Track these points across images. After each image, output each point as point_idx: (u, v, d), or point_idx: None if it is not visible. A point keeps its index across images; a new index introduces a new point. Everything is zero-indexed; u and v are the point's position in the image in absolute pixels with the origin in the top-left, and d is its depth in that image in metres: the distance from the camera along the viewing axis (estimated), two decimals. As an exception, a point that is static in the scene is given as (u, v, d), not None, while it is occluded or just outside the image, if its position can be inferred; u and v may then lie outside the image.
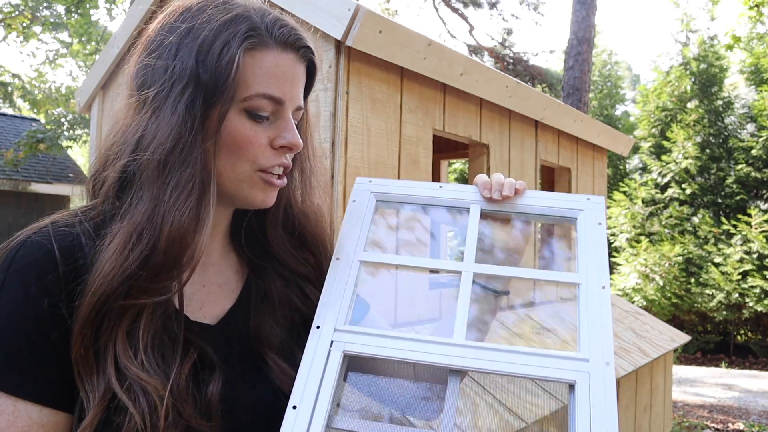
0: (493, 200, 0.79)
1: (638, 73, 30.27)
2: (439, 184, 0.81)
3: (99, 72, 2.79)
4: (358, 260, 0.76)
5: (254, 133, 0.71)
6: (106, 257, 0.65)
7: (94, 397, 0.62)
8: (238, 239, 0.85)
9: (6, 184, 8.07)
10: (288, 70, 0.73)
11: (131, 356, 0.63)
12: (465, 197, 0.80)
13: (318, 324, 0.70)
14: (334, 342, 0.68)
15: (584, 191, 3.50)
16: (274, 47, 0.72)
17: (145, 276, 0.65)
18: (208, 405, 0.66)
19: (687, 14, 10.31)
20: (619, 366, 2.59)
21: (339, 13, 1.69)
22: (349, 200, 0.80)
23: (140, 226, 0.66)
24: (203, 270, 0.79)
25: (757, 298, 7.98)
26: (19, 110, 13.57)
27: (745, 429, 5.04)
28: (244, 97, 0.70)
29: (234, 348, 0.75)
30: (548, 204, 0.78)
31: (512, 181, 0.80)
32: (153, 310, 0.67)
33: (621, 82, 13.93)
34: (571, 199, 0.79)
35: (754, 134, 9.09)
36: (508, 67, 12.35)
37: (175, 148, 0.67)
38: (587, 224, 0.77)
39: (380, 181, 0.82)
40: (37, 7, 11.15)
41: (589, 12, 7.78)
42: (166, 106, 0.68)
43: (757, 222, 8.30)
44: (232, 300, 0.79)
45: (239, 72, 0.68)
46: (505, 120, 2.63)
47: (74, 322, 0.63)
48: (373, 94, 1.88)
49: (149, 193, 0.67)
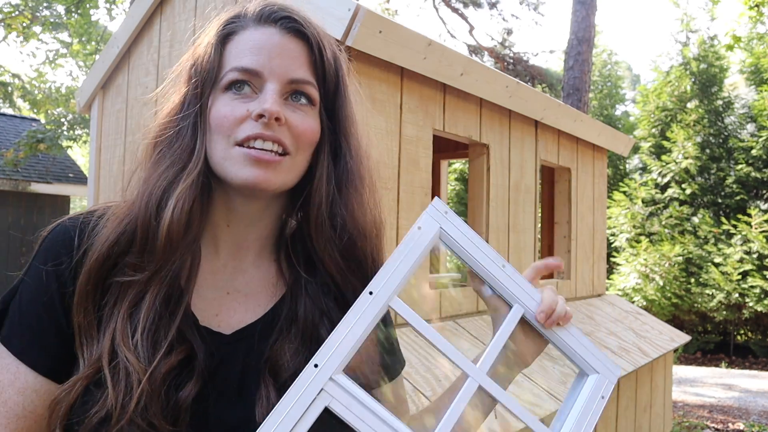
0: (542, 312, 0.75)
1: (638, 73, 30.28)
2: (504, 262, 0.75)
3: (99, 72, 2.79)
4: (388, 305, 0.69)
5: (231, 108, 0.71)
6: (103, 231, 0.71)
7: (87, 364, 0.67)
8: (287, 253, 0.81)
9: (6, 184, 8.07)
10: (264, 41, 0.72)
11: (128, 336, 0.67)
12: (516, 293, 0.75)
13: (317, 362, 0.64)
14: (323, 391, 0.63)
15: (584, 191, 3.50)
16: (250, 26, 0.74)
17: (135, 251, 0.70)
18: (176, 409, 0.65)
19: (687, 14, 10.30)
20: (619, 366, 2.59)
21: (339, 13, 1.69)
22: (415, 225, 0.72)
23: (130, 202, 0.72)
24: (231, 275, 0.77)
25: (757, 298, 7.98)
26: (19, 110, 13.57)
27: (745, 429, 5.04)
28: (221, 77, 0.73)
29: (238, 363, 0.72)
30: (574, 345, 0.77)
31: (564, 308, 0.76)
32: (156, 294, 0.68)
33: (621, 82, 13.93)
34: (597, 356, 0.77)
35: (754, 134, 9.08)
36: (508, 67, 12.35)
37: (164, 134, 0.74)
38: (593, 391, 0.75)
39: (455, 219, 0.73)
40: (37, 7, 11.15)
41: (589, 12, 7.78)
42: (167, 103, 0.77)
43: (757, 222, 8.30)
44: (255, 315, 0.76)
45: (219, 59, 0.73)
46: (505, 120, 2.63)
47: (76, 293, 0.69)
48: (373, 94, 1.88)
49: (144, 174, 0.74)
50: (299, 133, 0.73)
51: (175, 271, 0.70)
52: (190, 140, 0.73)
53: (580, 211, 3.45)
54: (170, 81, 0.79)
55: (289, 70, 0.72)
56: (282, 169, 0.72)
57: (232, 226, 0.78)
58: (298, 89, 0.73)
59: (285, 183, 0.74)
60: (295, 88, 0.73)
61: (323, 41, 0.76)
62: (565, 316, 0.76)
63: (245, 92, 0.71)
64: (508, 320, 0.74)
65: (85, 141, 10.08)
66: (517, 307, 0.75)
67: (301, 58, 0.74)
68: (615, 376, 0.78)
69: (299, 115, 0.73)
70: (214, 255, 0.78)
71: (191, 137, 0.73)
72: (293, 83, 0.73)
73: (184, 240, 0.70)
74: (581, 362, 0.77)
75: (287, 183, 0.74)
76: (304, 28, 0.74)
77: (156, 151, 0.74)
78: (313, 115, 0.75)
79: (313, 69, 0.75)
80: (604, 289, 3.76)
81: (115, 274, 0.70)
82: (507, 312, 0.75)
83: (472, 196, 2.59)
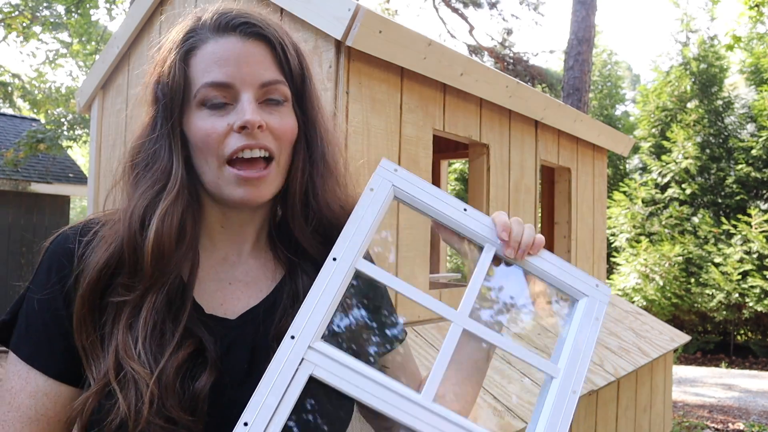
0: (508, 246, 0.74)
1: (638, 73, 30.27)
2: (465, 206, 0.75)
3: (99, 72, 2.79)
4: (355, 268, 0.69)
5: (212, 123, 0.72)
6: (92, 257, 0.72)
7: (96, 381, 0.68)
8: (278, 239, 0.84)
9: (6, 184, 8.06)
10: (228, 52, 0.73)
11: (131, 348, 0.68)
12: (484, 233, 0.74)
13: (293, 334, 0.64)
14: (305, 361, 0.63)
15: (584, 191, 3.50)
16: (210, 38, 0.74)
17: (126, 271, 0.71)
18: (193, 400, 0.67)
19: (687, 14, 10.30)
20: (619, 366, 2.59)
21: (339, 13, 1.69)
22: (367, 187, 0.73)
23: (115, 224, 0.74)
24: (231, 267, 0.80)
25: (757, 298, 7.98)
26: (19, 110, 13.56)
27: (745, 429, 5.04)
28: (194, 95, 0.73)
29: (246, 342, 0.75)
30: (557, 274, 0.76)
31: (531, 235, 0.75)
32: (153, 303, 0.70)
33: (621, 82, 13.92)
34: (581, 278, 0.76)
35: (754, 134, 9.08)
36: (508, 67, 12.35)
37: (139, 155, 0.76)
38: (585, 315, 0.75)
39: (406, 174, 0.74)
40: (37, 7, 11.15)
41: (589, 12, 7.78)
42: (137, 123, 0.79)
43: (757, 222, 8.30)
44: (257, 299, 0.79)
45: (186, 77, 0.73)
46: (505, 120, 2.63)
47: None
48: (373, 94, 1.88)
49: (125, 195, 0.76)
50: (280, 134, 0.75)
51: (174, 278, 0.72)
52: (168, 161, 0.74)
53: (580, 211, 3.45)
54: (137, 103, 0.81)
55: (258, 75, 0.73)
56: (270, 180, 0.75)
57: (226, 227, 0.81)
58: (270, 91, 0.75)
59: (276, 190, 0.77)
60: (268, 91, 0.74)
61: (284, 38, 0.77)
62: (534, 244, 0.75)
63: (221, 106, 0.73)
64: (481, 261, 0.73)
65: (85, 141, 10.08)
66: (488, 246, 0.74)
67: (267, 60, 0.75)
68: (606, 296, 0.76)
69: (276, 116, 0.75)
70: (212, 251, 0.80)
71: (168, 158, 0.74)
72: (265, 86, 0.74)
73: (178, 251, 0.73)
74: (568, 288, 0.76)
75: (278, 188, 0.78)
76: (264, 30, 0.75)
77: (134, 172, 0.76)
78: (288, 113, 0.77)
79: (280, 68, 0.76)
80: (604, 289, 3.76)
81: (110, 294, 0.71)
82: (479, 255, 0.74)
83: (472, 196, 2.59)
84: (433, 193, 0.74)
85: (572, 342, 0.73)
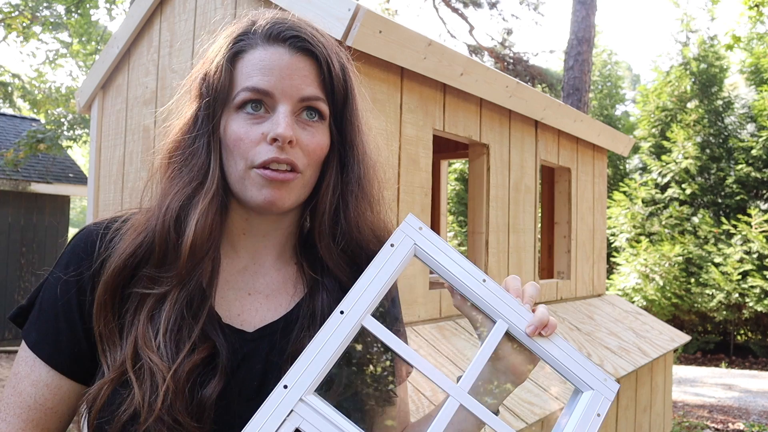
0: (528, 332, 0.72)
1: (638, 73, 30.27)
2: (484, 276, 0.72)
3: (99, 72, 2.79)
4: (361, 324, 0.67)
5: (246, 129, 0.73)
6: (120, 244, 0.74)
7: (112, 369, 0.69)
8: (303, 255, 0.83)
9: (6, 184, 8.06)
10: (274, 62, 0.73)
11: (150, 339, 0.69)
12: (499, 308, 0.72)
13: (286, 383, 0.62)
14: (293, 413, 0.62)
15: (584, 191, 3.50)
16: (260, 45, 0.75)
17: (153, 264, 0.72)
18: (200, 406, 0.68)
19: (687, 14, 10.30)
20: (619, 366, 2.59)
21: (339, 13, 1.69)
22: (388, 242, 0.70)
23: (147, 215, 0.75)
24: (251, 277, 0.80)
25: (757, 298, 7.98)
26: (19, 110, 13.56)
27: (745, 429, 5.04)
28: (234, 96, 0.74)
29: (260, 361, 0.74)
30: (565, 362, 0.73)
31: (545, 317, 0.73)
32: (176, 299, 0.71)
33: (621, 82, 13.92)
34: (589, 369, 0.73)
35: (754, 134, 9.08)
36: (508, 67, 12.35)
37: (178, 150, 0.76)
38: (588, 409, 0.71)
39: (430, 234, 0.72)
40: (37, 7, 11.15)
41: (589, 12, 7.78)
42: (179, 118, 0.79)
43: (757, 222, 8.30)
44: (276, 314, 0.79)
45: (230, 78, 0.75)
46: (505, 120, 2.63)
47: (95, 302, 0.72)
48: (373, 94, 1.88)
49: (161, 188, 0.77)
50: (310, 152, 0.75)
51: (197, 278, 0.73)
52: (206, 159, 0.75)
53: (580, 211, 3.45)
54: (181, 95, 0.81)
55: (299, 90, 0.74)
56: (295, 187, 0.75)
57: (248, 235, 0.81)
58: (309, 106, 0.75)
59: (298, 199, 0.77)
60: (306, 106, 0.75)
61: (331, 56, 0.77)
62: (548, 325, 0.73)
63: (259, 112, 0.73)
64: (490, 336, 0.71)
65: (85, 141, 10.08)
66: (500, 322, 0.72)
67: (311, 76, 0.75)
68: (612, 393, 0.74)
69: (309, 132, 0.75)
70: (234, 258, 0.80)
71: (206, 156, 0.75)
72: (304, 101, 0.74)
73: (204, 250, 0.73)
74: (573, 378, 0.73)
75: (300, 199, 0.77)
76: (313, 46, 0.76)
77: (171, 167, 0.77)
78: (323, 131, 0.77)
79: (322, 85, 0.77)
80: (604, 289, 3.76)
81: (134, 285, 0.72)
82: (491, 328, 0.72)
83: (472, 196, 2.59)
84: (455, 259, 0.72)
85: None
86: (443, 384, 0.67)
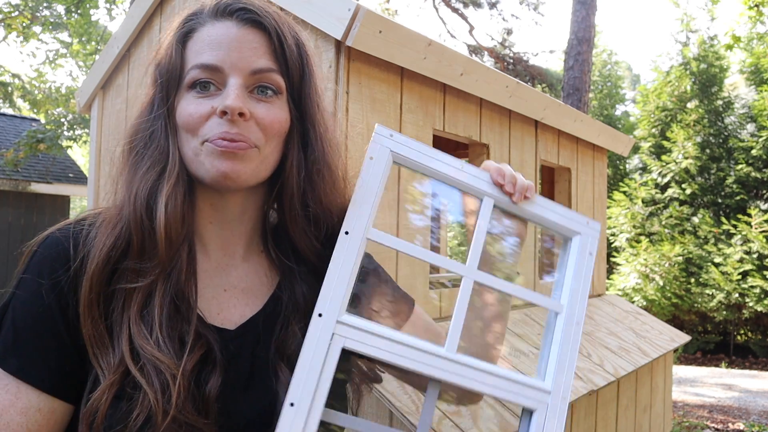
0: (507, 193, 0.78)
1: (638, 73, 30.26)
2: (461, 162, 0.77)
3: (99, 72, 2.79)
4: (366, 237, 0.71)
5: (196, 106, 0.71)
6: (99, 237, 0.70)
7: (109, 372, 0.65)
8: (272, 243, 0.82)
9: (6, 184, 8.07)
10: (222, 36, 0.72)
11: (146, 336, 0.66)
12: (481, 187, 0.77)
13: (320, 312, 0.67)
14: (335, 335, 0.66)
15: (584, 191, 3.50)
16: (208, 22, 0.74)
17: (133, 255, 0.69)
18: (205, 402, 0.66)
19: (687, 14, 10.30)
20: (619, 366, 2.59)
21: (339, 13, 1.69)
22: (366, 156, 0.74)
23: (120, 206, 0.72)
24: (224, 273, 0.78)
25: (757, 298, 7.98)
26: (19, 110, 13.56)
27: (745, 429, 5.04)
28: (184, 76, 0.73)
29: (247, 354, 0.73)
30: (550, 216, 0.79)
31: (524, 182, 0.78)
32: (164, 293, 0.69)
33: (621, 82, 13.92)
34: (572, 218, 0.80)
35: (754, 134, 9.08)
36: (508, 67, 12.34)
37: (137, 137, 0.75)
38: (580, 251, 0.79)
39: (402, 138, 0.75)
40: (37, 7, 11.15)
41: (589, 12, 7.78)
42: (137, 105, 0.78)
43: (757, 222, 8.30)
44: (254, 307, 0.77)
45: (181, 58, 0.73)
46: (505, 120, 2.63)
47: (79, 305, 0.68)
48: (373, 94, 1.88)
49: (126, 177, 0.74)
50: (266, 126, 0.72)
51: (178, 270, 0.71)
52: (164, 142, 0.73)
53: (580, 211, 3.45)
54: (138, 83, 0.81)
55: (250, 62, 0.72)
56: (250, 159, 0.71)
57: (215, 224, 0.78)
58: (262, 80, 0.73)
59: (256, 174, 0.73)
60: (260, 79, 0.72)
61: (282, 28, 0.75)
62: (528, 188, 0.78)
63: (210, 91, 0.71)
64: (482, 214, 0.76)
65: (85, 141, 10.08)
66: (486, 199, 0.77)
67: (262, 48, 0.73)
68: (596, 231, 0.80)
69: (264, 106, 0.73)
70: (204, 255, 0.78)
71: (164, 139, 0.73)
72: (256, 74, 0.72)
73: (181, 235, 0.71)
74: (561, 229, 0.80)
75: (259, 174, 0.74)
76: (261, 17, 0.74)
77: (133, 154, 0.75)
78: (280, 105, 0.75)
79: (274, 57, 0.74)
80: (604, 289, 3.76)
81: (117, 281, 0.69)
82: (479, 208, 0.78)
83: (472, 196, 2.58)
84: (430, 154, 0.76)
85: (571, 278, 0.78)
86: (455, 268, 0.73)
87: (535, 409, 0.72)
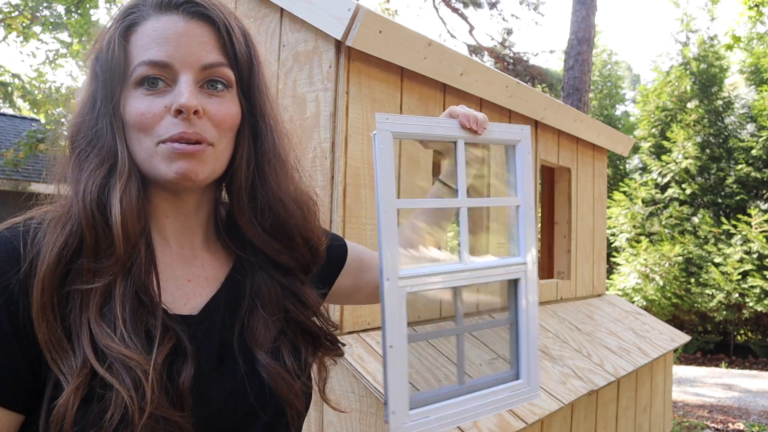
0: (473, 131, 0.92)
1: (638, 73, 30.25)
2: (438, 120, 0.93)
3: (99, 72, 2.79)
4: (396, 208, 0.85)
5: (147, 104, 0.69)
6: (48, 237, 0.67)
7: (72, 375, 0.62)
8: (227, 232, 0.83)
9: (6, 184, 8.07)
10: (169, 31, 0.70)
11: (110, 334, 0.63)
12: (453, 133, 0.94)
13: (388, 276, 0.82)
14: (400, 288, 0.83)
15: (584, 191, 3.50)
16: (152, 15, 0.71)
17: (87, 254, 0.67)
18: (180, 395, 0.65)
19: (687, 14, 10.30)
20: (619, 366, 2.59)
21: (339, 13, 1.69)
22: (376, 143, 0.84)
23: (66, 205, 0.70)
24: (187, 264, 0.78)
25: (757, 298, 7.98)
26: (19, 110, 13.56)
27: (745, 429, 5.04)
28: (130, 73, 0.70)
29: (214, 337, 0.73)
30: (497, 135, 0.98)
31: (481, 117, 0.94)
32: (124, 289, 0.66)
33: (621, 82, 13.92)
34: (512, 130, 0.99)
35: (754, 134, 9.08)
36: (508, 67, 12.35)
37: (80, 133, 0.72)
38: (524, 152, 0.99)
39: (395, 118, 0.87)
40: (37, 7, 11.15)
41: (589, 12, 7.78)
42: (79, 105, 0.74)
43: (757, 222, 8.30)
44: (215, 290, 0.78)
45: (125, 53, 0.70)
46: (505, 120, 2.63)
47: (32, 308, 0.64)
48: (373, 94, 1.88)
49: (71, 175, 0.71)
50: (219, 121, 0.72)
51: (138, 264, 0.69)
52: (112, 140, 0.71)
53: (580, 211, 3.45)
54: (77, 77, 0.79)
55: (199, 57, 0.70)
56: (207, 158, 0.71)
57: (171, 218, 0.77)
58: (213, 74, 0.72)
59: (213, 172, 0.73)
60: (210, 74, 0.72)
61: (230, 21, 0.74)
62: (485, 120, 0.94)
63: (159, 87, 0.70)
64: (458, 153, 0.93)
65: (85, 141, 10.07)
66: (459, 142, 0.94)
67: (211, 42, 0.72)
68: (528, 131, 1.00)
69: (216, 101, 0.72)
70: (164, 248, 0.77)
71: (111, 137, 0.71)
72: (207, 69, 0.71)
73: (138, 230, 0.70)
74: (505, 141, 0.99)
75: (215, 172, 0.74)
76: (208, 10, 0.72)
77: (76, 153, 0.72)
78: (231, 99, 0.74)
79: (224, 51, 0.73)
80: (604, 289, 3.76)
81: (72, 282, 0.66)
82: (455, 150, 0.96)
83: (472, 196, 2.59)
84: (414, 122, 0.91)
85: (522, 175, 0.97)
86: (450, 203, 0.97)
87: (519, 278, 0.97)
